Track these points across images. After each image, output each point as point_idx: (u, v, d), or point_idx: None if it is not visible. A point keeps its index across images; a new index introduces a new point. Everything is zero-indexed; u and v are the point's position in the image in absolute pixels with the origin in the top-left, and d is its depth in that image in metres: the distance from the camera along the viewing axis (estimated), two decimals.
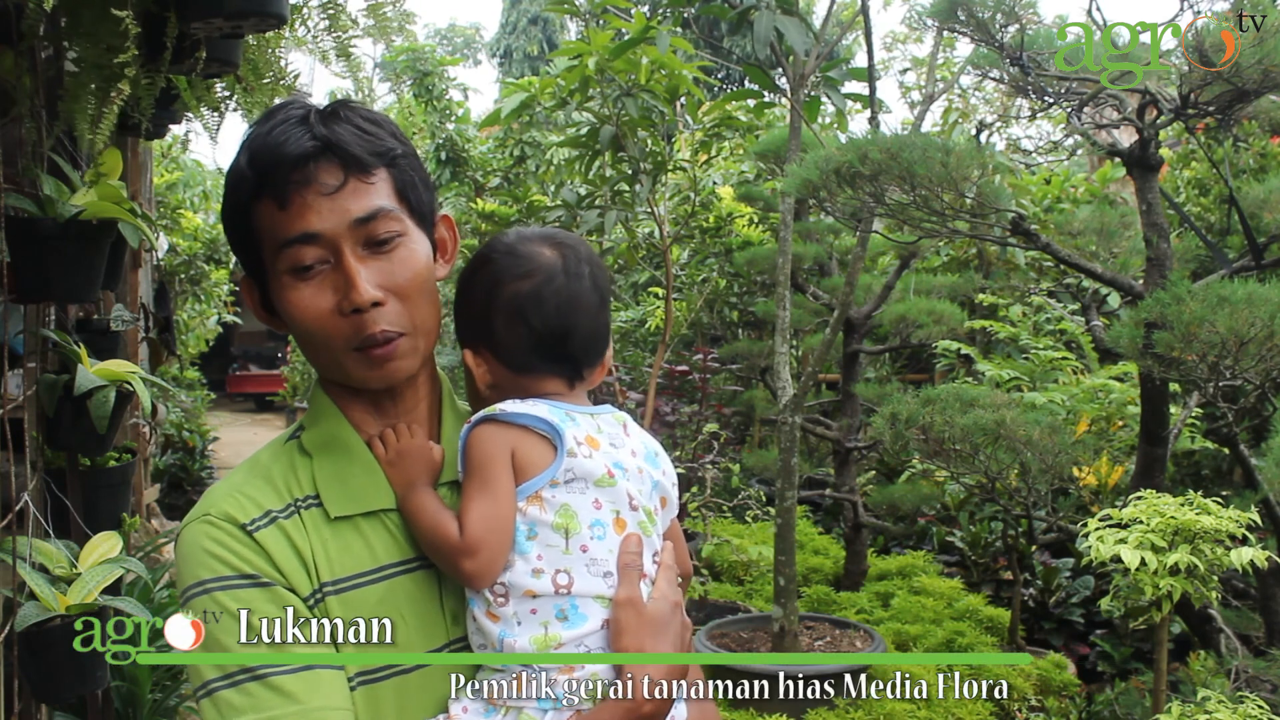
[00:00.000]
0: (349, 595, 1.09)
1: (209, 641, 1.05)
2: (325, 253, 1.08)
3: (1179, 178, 6.12)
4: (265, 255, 1.11)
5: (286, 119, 1.10)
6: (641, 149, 4.86)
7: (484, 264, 1.18)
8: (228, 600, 1.05)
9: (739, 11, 3.75)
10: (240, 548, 1.08)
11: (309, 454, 1.15)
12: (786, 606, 3.90)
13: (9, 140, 2.24)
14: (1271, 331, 2.63)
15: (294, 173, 1.07)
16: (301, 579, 1.08)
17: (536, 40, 24.04)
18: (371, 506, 1.13)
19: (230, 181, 1.12)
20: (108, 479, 2.78)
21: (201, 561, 1.07)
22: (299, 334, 1.13)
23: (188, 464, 7.54)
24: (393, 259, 1.11)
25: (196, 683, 1.05)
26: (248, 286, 1.19)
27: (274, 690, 1.02)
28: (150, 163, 5.74)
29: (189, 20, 2.18)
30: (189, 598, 1.07)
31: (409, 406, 1.19)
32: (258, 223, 1.10)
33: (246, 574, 1.07)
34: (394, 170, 1.12)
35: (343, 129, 1.09)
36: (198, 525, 1.09)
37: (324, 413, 1.18)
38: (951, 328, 5.19)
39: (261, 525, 1.09)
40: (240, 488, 1.12)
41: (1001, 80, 3.58)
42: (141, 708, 3.29)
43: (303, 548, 1.09)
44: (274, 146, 1.08)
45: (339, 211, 1.08)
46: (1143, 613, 2.88)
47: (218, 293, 8.61)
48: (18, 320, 2.45)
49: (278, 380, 15.71)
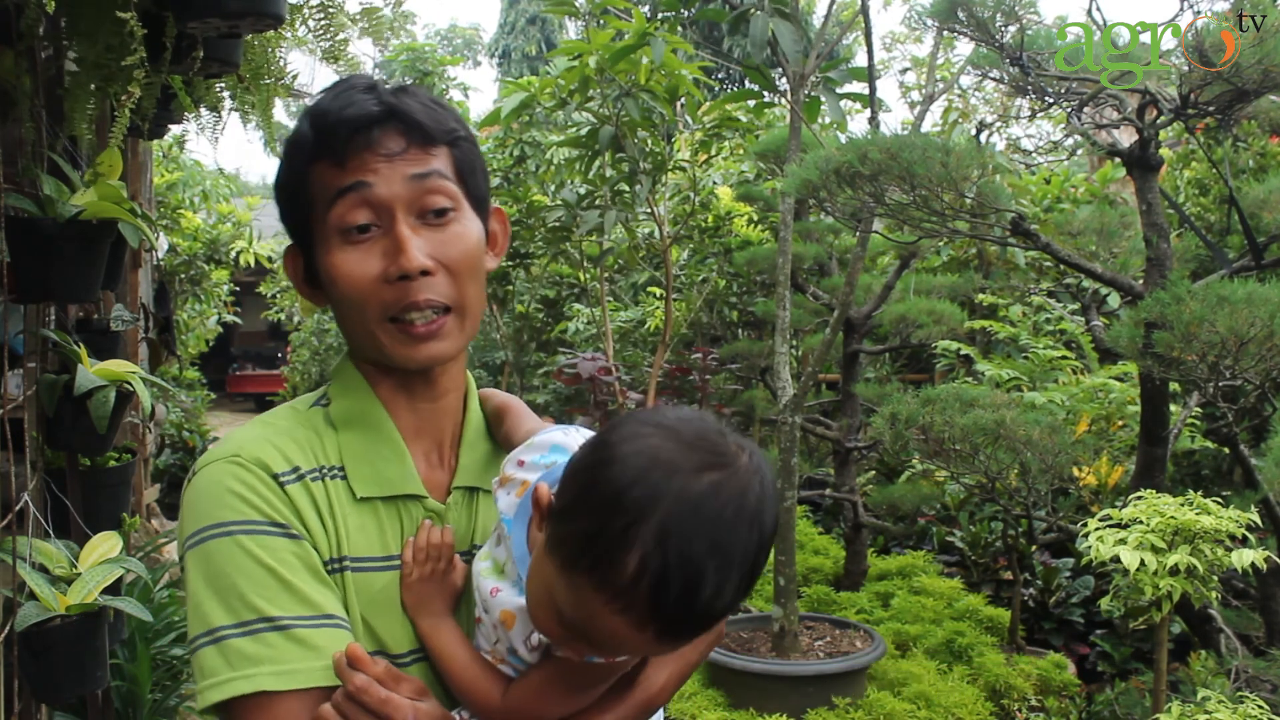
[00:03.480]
0: (360, 576, 1.05)
1: (225, 586, 0.98)
2: (377, 215, 1.04)
3: (1179, 178, 6.12)
4: (315, 217, 1.07)
5: (351, 87, 1.07)
6: (641, 149, 4.86)
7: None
8: (252, 545, 0.99)
9: (737, 13, 3.75)
10: (270, 495, 1.02)
11: (335, 426, 1.10)
12: (786, 606, 3.91)
13: (9, 140, 2.24)
14: (1271, 331, 2.63)
15: (355, 135, 1.04)
16: (324, 543, 1.04)
17: (535, 40, 24.05)
18: (395, 491, 1.09)
19: (289, 147, 1.09)
20: (108, 479, 2.78)
21: (225, 503, 1.01)
22: (339, 300, 1.07)
23: (188, 464, 7.54)
24: (446, 233, 1.07)
25: (199, 629, 0.98)
26: (292, 256, 1.15)
27: (298, 643, 0.96)
28: (150, 163, 5.74)
29: (186, 20, 2.18)
30: (204, 538, 1.00)
31: (440, 392, 1.14)
32: (312, 183, 1.07)
33: (277, 522, 1.01)
34: (455, 150, 1.09)
35: (409, 101, 1.07)
36: (223, 465, 1.03)
37: (354, 387, 1.12)
38: (951, 328, 5.19)
39: (291, 480, 1.04)
40: (268, 438, 1.07)
41: (1001, 80, 3.58)
42: (141, 708, 3.29)
43: (325, 515, 1.05)
44: (338, 110, 1.05)
45: (397, 175, 1.04)
46: (1143, 613, 2.88)
47: (218, 293, 8.61)
48: (18, 320, 2.45)
49: (278, 380, 15.71)
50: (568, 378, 5.78)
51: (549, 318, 8.27)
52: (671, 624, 0.84)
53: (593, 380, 5.54)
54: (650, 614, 0.82)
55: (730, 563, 0.83)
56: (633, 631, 0.84)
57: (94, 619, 2.15)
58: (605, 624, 0.84)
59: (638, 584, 0.81)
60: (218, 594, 0.98)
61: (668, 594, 0.81)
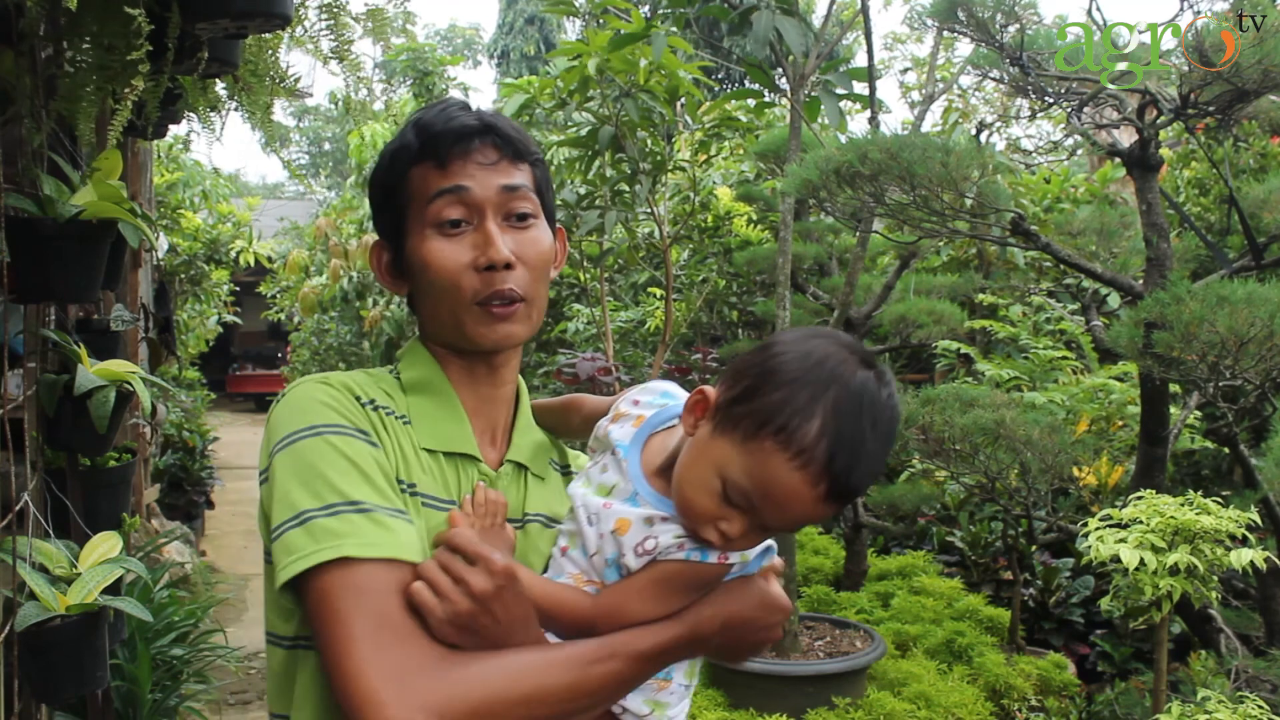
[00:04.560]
0: (426, 510, 1.14)
1: (313, 477, 1.06)
2: (470, 213, 1.19)
3: (1179, 178, 6.12)
4: (412, 212, 1.21)
5: (452, 104, 1.24)
6: (641, 149, 4.86)
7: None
8: (340, 442, 1.09)
9: (740, 12, 3.75)
10: (355, 409, 1.14)
11: (404, 389, 1.23)
12: None
13: (9, 140, 2.24)
14: (1271, 331, 2.63)
15: (457, 143, 1.19)
16: (395, 464, 1.13)
17: (534, 40, 24.05)
18: (455, 448, 1.20)
19: (392, 152, 1.23)
20: (108, 479, 2.78)
21: (316, 411, 1.12)
22: (429, 285, 1.20)
23: (188, 464, 7.54)
24: (526, 235, 1.21)
25: (285, 515, 1.04)
26: (379, 249, 1.28)
27: (376, 523, 1.03)
28: (150, 163, 5.75)
29: (194, 20, 2.18)
30: (294, 439, 1.09)
31: (501, 380, 1.26)
32: (412, 184, 1.21)
33: (361, 429, 1.12)
34: (536, 169, 1.25)
35: (502, 121, 1.23)
36: (313, 384, 1.16)
37: (422, 360, 1.25)
38: (951, 328, 5.19)
39: (370, 408, 1.16)
40: (349, 376, 1.20)
41: (1001, 80, 3.58)
42: (141, 708, 3.29)
43: (396, 445, 1.15)
44: (443, 121, 1.20)
45: (490, 180, 1.19)
46: (1143, 613, 2.88)
47: (218, 293, 8.61)
48: (18, 320, 2.45)
49: (278, 380, 15.72)
50: (567, 378, 5.77)
51: (549, 318, 8.27)
52: (838, 481, 1.01)
53: (592, 380, 5.54)
54: (824, 470, 1.00)
55: (881, 437, 1.03)
56: (807, 488, 1.01)
57: (94, 619, 2.15)
58: (784, 482, 1.01)
59: (818, 444, 1.00)
60: (305, 484, 1.06)
61: (841, 453, 1.00)
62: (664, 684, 1.17)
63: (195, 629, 3.94)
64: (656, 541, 1.09)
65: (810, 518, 1.06)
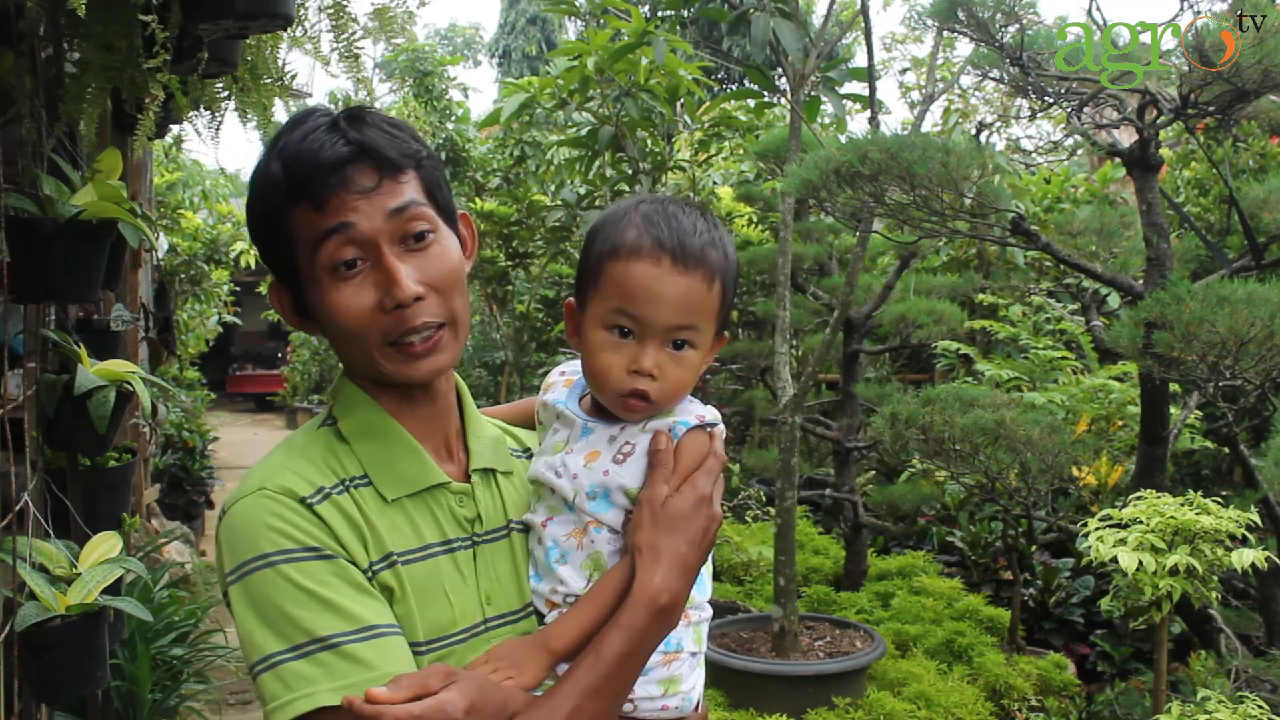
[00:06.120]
0: (400, 570, 1.11)
1: (273, 614, 1.04)
2: (363, 250, 1.11)
3: (1179, 178, 6.11)
4: (301, 257, 1.13)
5: (316, 126, 1.12)
6: (641, 149, 4.86)
7: None
8: (292, 572, 1.05)
9: (737, 13, 3.75)
10: (302, 521, 1.08)
11: (347, 440, 1.17)
12: (786, 606, 3.90)
13: (9, 140, 2.24)
14: (1271, 331, 2.63)
15: (330, 177, 1.09)
16: (359, 552, 1.09)
17: (535, 40, 24.05)
18: (421, 486, 1.17)
19: (260, 187, 1.14)
20: (108, 479, 2.78)
21: (262, 535, 1.07)
22: (338, 333, 1.14)
23: (188, 464, 7.54)
24: (428, 255, 1.14)
25: (255, 657, 1.04)
26: (277, 291, 1.20)
27: (348, 659, 1.02)
28: (150, 163, 5.75)
29: (198, 21, 2.18)
30: (246, 571, 1.06)
31: (438, 395, 1.22)
32: (293, 227, 1.12)
33: (310, 546, 1.07)
34: (421, 171, 1.16)
35: (372, 133, 1.12)
36: (254, 499, 1.09)
37: (357, 402, 1.19)
38: (951, 328, 5.19)
39: (317, 500, 1.10)
40: (288, 465, 1.13)
41: (1001, 80, 3.58)
42: (141, 708, 3.29)
43: (358, 523, 1.11)
44: (309, 152, 1.10)
45: (375, 209, 1.10)
46: (1143, 613, 2.88)
47: (218, 293, 8.60)
48: (18, 320, 2.45)
49: (278, 380, 15.72)
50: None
51: (549, 318, 8.27)
52: (673, 247, 1.12)
53: None
54: (656, 245, 1.12)
55: (693, 214, 1.16)
56: (655, 266, 1.12)
57: (94, 619, 2.15)
58: (638, 277, 1.12)
59: (642, 234, 1.13)
60: (267, 623, 1.04)
61: (660, 228, 1.13)
62: (672, 657, 1.16)
63: (195, 629, 3.94)
64: (633, 445, 1.16)
65: (686, 295, 1.12)
